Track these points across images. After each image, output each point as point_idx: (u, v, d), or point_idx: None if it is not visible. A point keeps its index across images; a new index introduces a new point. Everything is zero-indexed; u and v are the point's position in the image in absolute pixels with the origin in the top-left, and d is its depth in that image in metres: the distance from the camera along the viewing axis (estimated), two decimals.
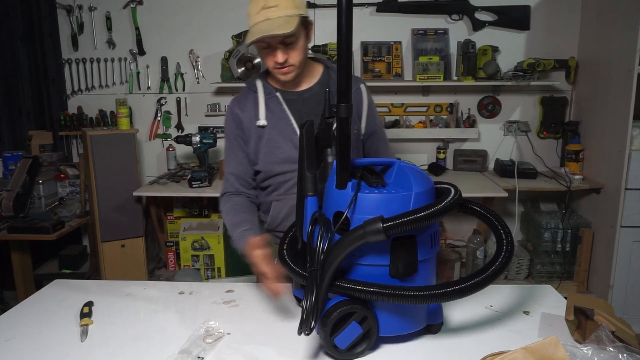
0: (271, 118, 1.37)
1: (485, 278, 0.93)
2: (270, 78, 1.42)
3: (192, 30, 2.95)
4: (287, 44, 1.26)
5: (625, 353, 0.80)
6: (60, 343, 1.03)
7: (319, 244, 0.89)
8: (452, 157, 2.95)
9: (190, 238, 2.78)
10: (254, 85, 1.41)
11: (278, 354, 0.98)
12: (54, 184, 2.90)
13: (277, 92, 1.38)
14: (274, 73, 1.33)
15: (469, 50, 2.72)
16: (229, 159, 1.44)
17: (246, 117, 1.38)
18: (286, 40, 1.25)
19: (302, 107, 1.38)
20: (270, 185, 1.41)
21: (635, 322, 2.40)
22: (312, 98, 1.39)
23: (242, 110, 1.39)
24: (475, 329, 1.07)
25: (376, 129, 1.48)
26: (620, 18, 2.37)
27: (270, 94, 1.39)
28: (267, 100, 1.38)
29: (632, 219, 2.38)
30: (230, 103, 1.43)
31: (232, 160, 1.43)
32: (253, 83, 1.42)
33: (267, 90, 1.39)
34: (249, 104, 1.39)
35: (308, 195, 1.01)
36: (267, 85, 1.40)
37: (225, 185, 1.44)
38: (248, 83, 1.44)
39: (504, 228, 1.02)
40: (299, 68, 1.32)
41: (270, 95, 1.38)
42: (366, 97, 1.44)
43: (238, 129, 1.40)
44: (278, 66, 1.29)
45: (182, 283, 1.35)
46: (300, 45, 1.28)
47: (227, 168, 1.44)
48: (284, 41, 1.25)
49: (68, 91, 3.06)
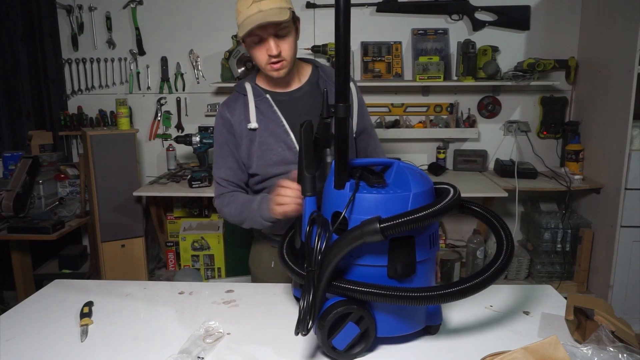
0: (262, 120, 1.35)
1: (485, 279, 0.92)
2: (259, 80, 1.42)
3: (192, 30, 2.95)
4: (280, 36, 1.26)
5: (625, 353, 0.80)
6: (60, 343, 1.03)
7: (317, 244, 0.89)
8: (452, 157, 2.95)
9: (190, 238, 2.79)
10: (243, 88, 1.39)
11: (278, 354, 0.98)
12: (54, 184, 2.91)
13: (266, 94, 1.37)
14: (266, 70, 1.32)
15: (469, 50, 2.72)
16: (219, 164, 1.41)
17: (236, 121, 1.37)
18: (279, 33, 1.25)
19: (293, 108, 1.37)
20: (266, 188, 1.39)
21: (635, 322, 2.40)
22: (302, 98, 1.38)
23: (232, 114, 1.37)
24: (475, 329, 1.07)
25: (366, 126, 1.48)
26: (620, 18, 2.37)
27: (259, 96, 1.37)
28: (257, 103, 1.37)
29: (632, 219, 2.38)
30: (219, 108, 1.42)
31: (222, 165, 1.40)
32: (242, 86, 1.40)
33: (256, 92, 1.38)
34: (238, 107, 1.38)
35: (306, 196, 1.01)
36: (257, 88, 1.39)
37: (219, 189, 1.41)
38: (237, 86, 1.42)
39: (504, 228, 1.02)
40: (290, 63, 1.31)
41: (260, 97, 1.37)
42: (356, 96, 1.44)
43: (229, 134, 1.38)
44: (272, 60, 1.28)
45: (182, 283, 1.34)
46: (291, 38, 1.29)
47: (217, 173, 1.41)
48: (277, 33, 1.25)
49: (68, 91, 3.07)
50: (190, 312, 1.18)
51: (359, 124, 1.45)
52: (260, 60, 1.30)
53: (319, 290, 0.89)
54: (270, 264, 1.49)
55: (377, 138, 1.54)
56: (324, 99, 1.04)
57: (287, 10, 1.23)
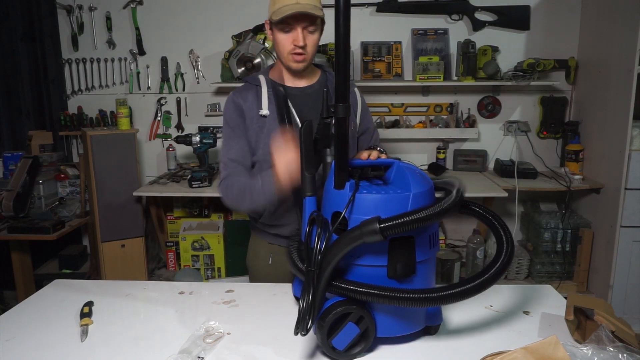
0: (273, 110, 1.39)
1: (485, 281, 0.92)
2: (272, 74, 1.46)
3: (192, 30, 2.95)
4: (310, 30, 1.32)
5: (625, 353, 0.80)
6: (60, 343, 1.03)
7: (316, 244, 0.89)
8: (452, 157, 2.95)
9: (190, 238, 2.79)
10: (257, 79, 1.43)
11: (278, 354, 0.98)
12: (54, 184, 2.91)
13: (279, 86, 1.42)
14: (287, 59, 1.35)
15: (469, 50, 2.72)
16: (229, 146, 1.41)
17: (248, 107, 1.39)
18: (309, 27, 1.31)
19: (304, 102, 1.41)
20: None
21: (635, 322, 2.40)
22: (313, 95, 1.43)
23: (244, 100, 1.40)
24: (475, 329, 1.07)
25: (369, 126, 1.54)
26: (620, 18, 2.37)
27: (274, 88, 1.41)
28: (271, 93, 1.40)
29: (632, 219, 2.38)
30: (230, 96, 1.44)
31: (234, 146, 1.40)
32: (255, 78, 1.44)
33: (270, 83, 1.42)
34: (250, 95, 1.41)
35: (306, 196, 1.01)
36: (272, 81, 1.43)
37: (227, 170, 1.40)
38: (250, 79, 1.46)
39: (504, 229, 1.02)
40: (311, 59, 1.37)
41: (275, 90, 1.41)
42: (360, 98, 1.53)
43: (240, 117, 1.40)
44: (297, 50, 1.32)
45: (182, 283, 1.35)
46: (317, 36, 1.35)
47: (227, 155, 1.40)
48: (307, 27, 1.31)
49: (68, 91, 3.06)
50: (190, 312, 1.18)
51: (362, 124, 1.51)
52: (284, 48, 1.34)
53: (319, 290, 0.89)
54: (268, 260, 1.51)
55: (378, 138, 1.58)
56: (324, 99, 1.05)
57: (320, 9, 1.32)
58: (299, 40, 1.30)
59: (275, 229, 1.46)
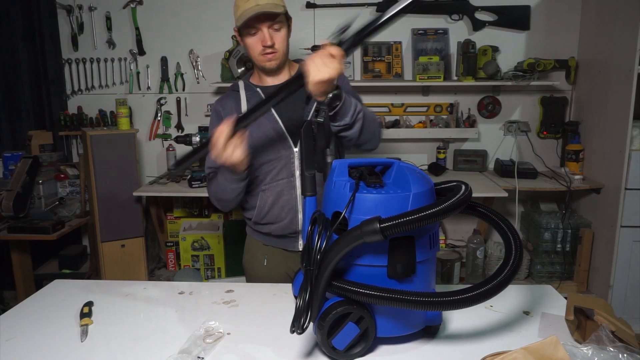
0: None
1: (492, 287, 0.90)
2: (253, 78, 1.52)
3: (192, 30, 2.95)
4: (275, 28, 1.37)
5: (625, 353, 0.80)
6: (60, 343, 1.03)
7: (316, 244, 0.89)
8: (452, 157, 2.95)
9: (190, 238, 2.79)
10: (237, 85, 1.52)
11: (278, 354, 0.98)
12: (54, 184, 2.91)
13: (257, 88, 1.47)
14: (259, 61, 1.41)
15: (469, 50, 2.72)
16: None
17: (226, 114, 1.44)
18: (274, 26, 1.36)
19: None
20: (258, 176, 1.44)
21: (635, 322, 2.40)
22: None
23: (223, 108, 1.48)
24: (475, 329, 1.07)
25: (347, 90, 1.50)
26: (620, 18, 2.37)
27: (251, 90, 1.48)
28: (248, 96, 1.46)
29: (632, 219, 2.38)
30: (213, 103, 1.53)
31: None
32: (236, 84, 1.52)
33: (248, 87, 1.49)
34: (230, 102, 1.48)
35: (306, 196, 1.01)
36: (249, 84, 1.50)
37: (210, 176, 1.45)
38: (232, 86, 1.54)
39: (512, 232, 0.99)
40: (282, 56, 1.41)
41: (251, 92, 1.47)
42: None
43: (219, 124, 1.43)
44: (266, 50, 1.38)
45: (182, 283, 1.35)
46: (284, 33, 1.40)
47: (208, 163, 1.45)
48: (272, 26, 1.36)
49: (68, 91, 3.07)
50: (190, 312, 1.18)
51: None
52: (254, 51, 1.40)
53: (318, 289, 0.89)
54: (263, 262, 1.53)
55: (359, 99, 1.53)
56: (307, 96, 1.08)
57: (281, 6, 1.36)
58: (266, 40, 1.36)
59: (267, 227, 1.48)
